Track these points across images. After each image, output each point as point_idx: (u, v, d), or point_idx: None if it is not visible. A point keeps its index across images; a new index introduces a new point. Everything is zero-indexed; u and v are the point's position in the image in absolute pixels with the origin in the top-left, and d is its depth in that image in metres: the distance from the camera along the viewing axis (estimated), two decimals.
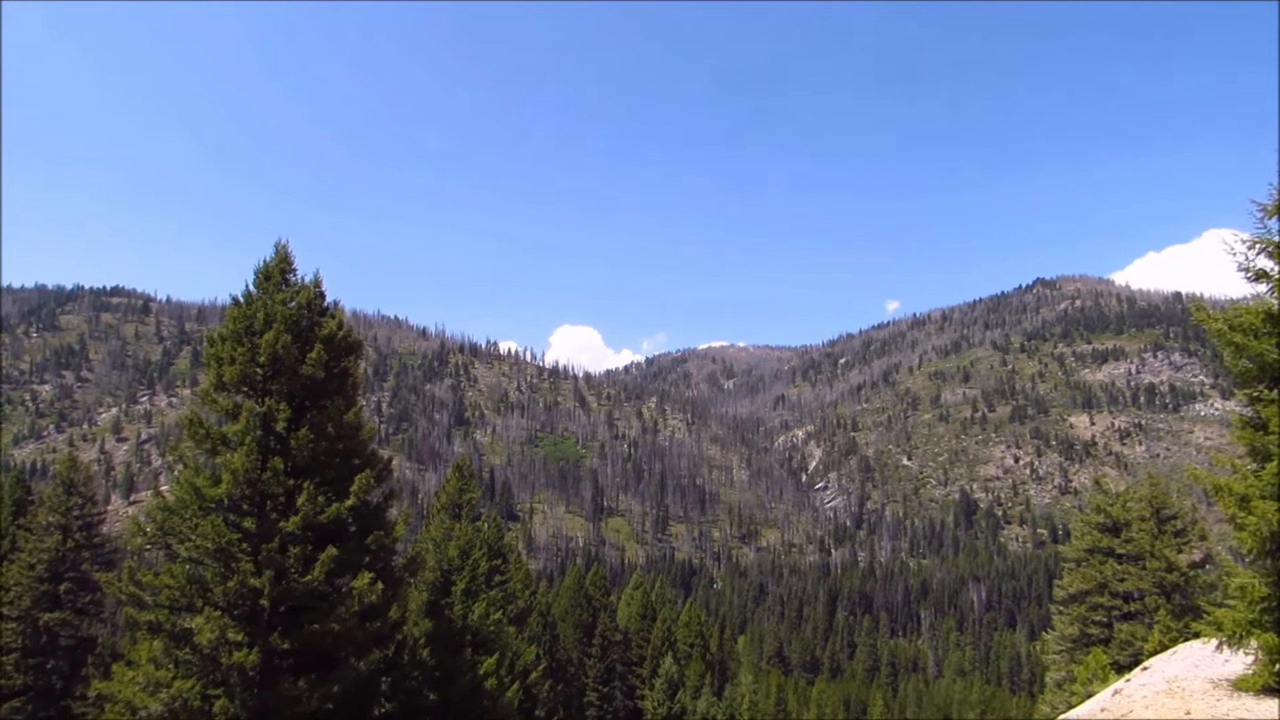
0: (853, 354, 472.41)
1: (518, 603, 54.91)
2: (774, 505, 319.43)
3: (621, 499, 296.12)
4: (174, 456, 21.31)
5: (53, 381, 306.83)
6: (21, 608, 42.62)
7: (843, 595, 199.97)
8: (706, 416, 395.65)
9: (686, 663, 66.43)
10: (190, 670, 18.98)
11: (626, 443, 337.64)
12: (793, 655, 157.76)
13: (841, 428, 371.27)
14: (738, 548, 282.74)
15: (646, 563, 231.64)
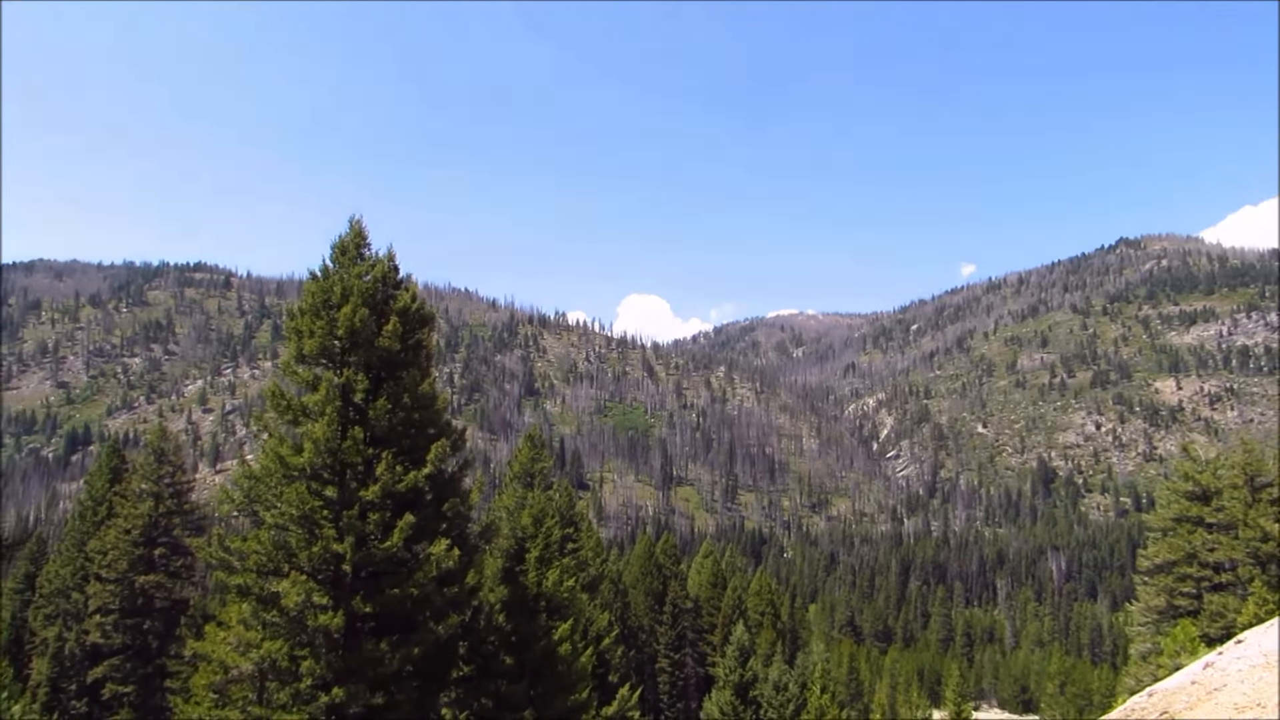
0: (925, 320, 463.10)
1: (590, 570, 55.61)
2: (844, 474, 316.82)
3: (690, 468, 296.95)
4: (259, 426, 22.00)
5: (142, 355, 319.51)
6: (119, 570, 44.71)
7: (915, 564, 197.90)
8: (775, 385, 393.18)
9: (757, 631, 66.62)
10: (278, 632, 19.69)
11: (695, 412, 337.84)
12: (865, 625, 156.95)
13: (914, 395, 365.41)
14: (808, 517, 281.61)
15: (716, 531, 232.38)
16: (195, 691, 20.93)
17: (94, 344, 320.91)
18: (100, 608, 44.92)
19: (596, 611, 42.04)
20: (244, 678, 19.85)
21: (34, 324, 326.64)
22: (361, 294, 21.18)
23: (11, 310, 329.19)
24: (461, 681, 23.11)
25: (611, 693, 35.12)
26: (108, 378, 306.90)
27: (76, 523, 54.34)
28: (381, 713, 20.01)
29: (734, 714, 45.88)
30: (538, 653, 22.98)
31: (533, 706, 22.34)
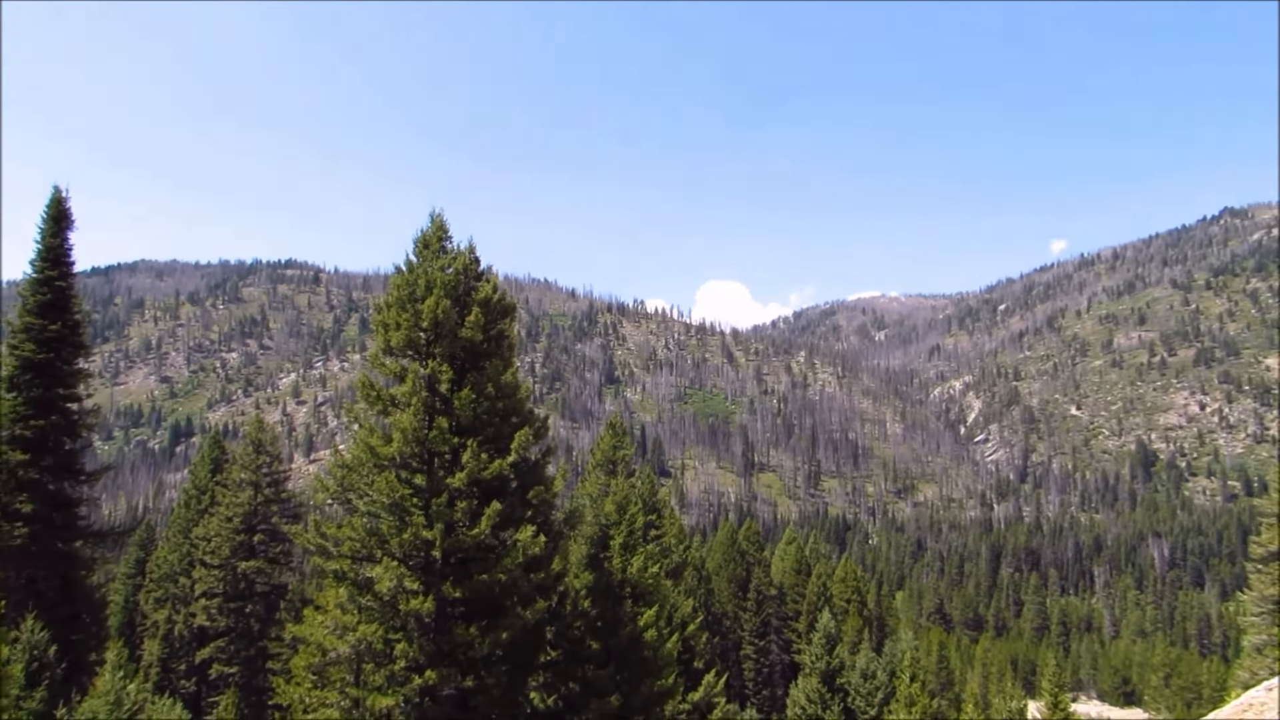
0: (1014, 299, 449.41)
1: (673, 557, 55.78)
2: (930, 459, 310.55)
3: (772, 454, 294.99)
4: (350, 417, 22.65)
5: (239, 349, 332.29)
6: (221, 556, 46.67)
7: (1007, 551, 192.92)
8: (857, 369, 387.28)
9: (843, 618, 65.92)
10: (373, 616, 20.27)
11: (776, 398, 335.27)
12: (954, 612, 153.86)
13: (1002, 377, 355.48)
14: (893, 503, 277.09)
15: (799, 518, 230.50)
16: (296, 672, 21.71)
17: (194, 340, 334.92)
18: (205, 592, 47.01)
19: (680, 598, 42.15)
20: (341, 660, 20.51)
21: (138, 322, 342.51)
22: (444, 286, 21.56)
23: (117, 309, 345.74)
24: (549, 666, 23.45)
25: (697, 679, 35.22)
26: (207, 372, 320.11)
27: (182, 511, 56.90)
28: (472, 695, 20.45)
29: (821, 701, 45.51)
30: (623, 638, 23.14)
31: (619, 691, 22.51)
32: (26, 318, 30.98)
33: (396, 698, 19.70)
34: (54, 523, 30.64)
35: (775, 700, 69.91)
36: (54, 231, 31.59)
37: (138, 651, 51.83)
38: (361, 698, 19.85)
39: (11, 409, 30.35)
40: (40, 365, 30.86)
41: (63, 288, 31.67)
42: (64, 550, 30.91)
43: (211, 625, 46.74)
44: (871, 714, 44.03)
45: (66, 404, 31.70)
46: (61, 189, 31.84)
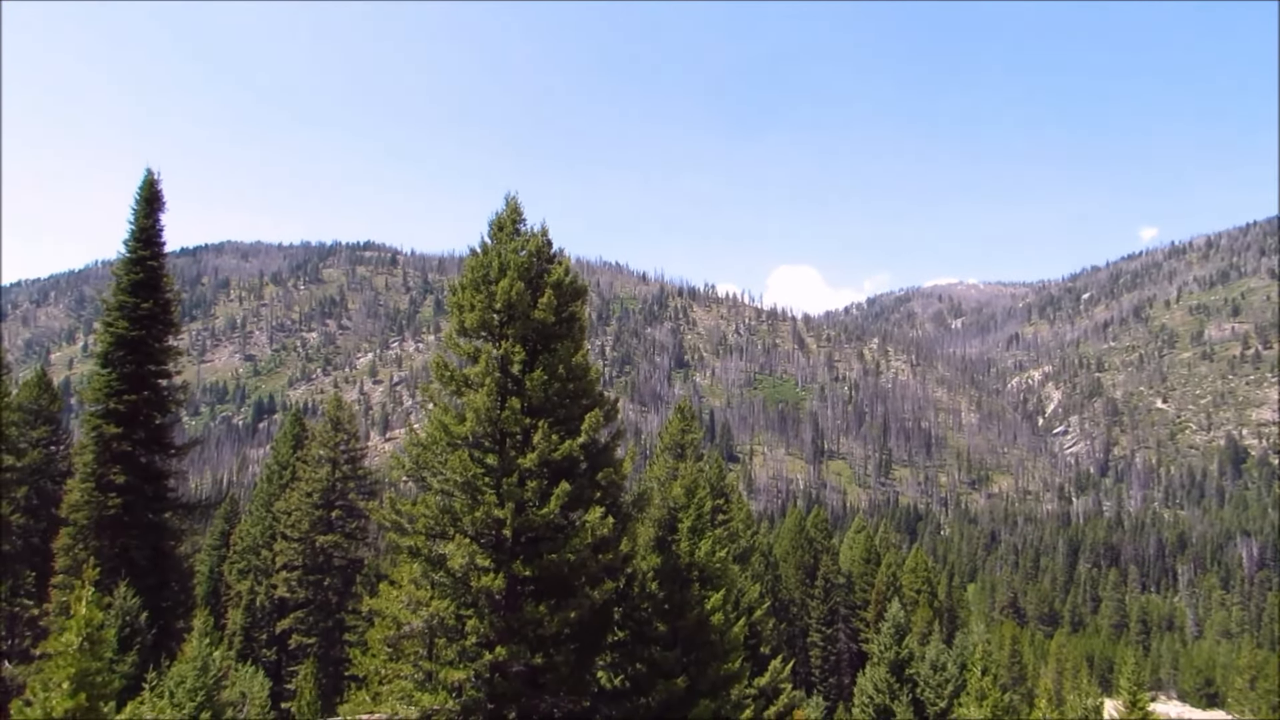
0: (1098, 288, 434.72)
1: (740, 542, 55.70)
2: (1006, 450, 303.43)
3: (842, 442, 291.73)
4: (424, 396, 23.10)
5: (318, 329, 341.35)
6: (301, 530, 48.17)
7: (1085, 546, 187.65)
8: (932, 357, 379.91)
9: (913, 609, 65.02)
10: (445, 591, 20.70)
11: (847, 385, 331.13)
12: (1028, 606, 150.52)
13: (1084, 368, 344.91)
14: (967, 494, 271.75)
15: (869, 506, 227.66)
16: (371, 645, 22.30)
17: (276, 319, 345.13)
18: (286, 564, 48.61)
19: (748, 583, 42.08)
20: (415, 634, 21.00)
21: (224, 301, 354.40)
22: (518, 268, 21.78)
23: (205, 289, 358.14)
24: (616, 646, 23.64)
25: (763, 664, 35.18)
26: (289, 351, 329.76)
27: (264, 485, 58.86)
28: (541, 673, 20.76)
29: (889, 691, 45.04)
30: (690, 621, 23.19)
31: (685, 674, 22.58)
32: (120, 296, 32.31)
33: (468, 672, 20.09)
34: (145, 494, 32.00)
35: (842, 689, 69.40)
36: (146, 213, 32.83)
37: (222, 620, 53.87)
38: (434, 671, 20.30)
39: (106, 384, 31.73)
40: (133, 342, 32.18)
41: (154, 267, 32.92)
42: (154, 521, 32.28)
43: (291, 597, 48.33)
44: (941, 706, 43.42)
45: (157, 380, 33.02)
46: (154, 172, 33.04)
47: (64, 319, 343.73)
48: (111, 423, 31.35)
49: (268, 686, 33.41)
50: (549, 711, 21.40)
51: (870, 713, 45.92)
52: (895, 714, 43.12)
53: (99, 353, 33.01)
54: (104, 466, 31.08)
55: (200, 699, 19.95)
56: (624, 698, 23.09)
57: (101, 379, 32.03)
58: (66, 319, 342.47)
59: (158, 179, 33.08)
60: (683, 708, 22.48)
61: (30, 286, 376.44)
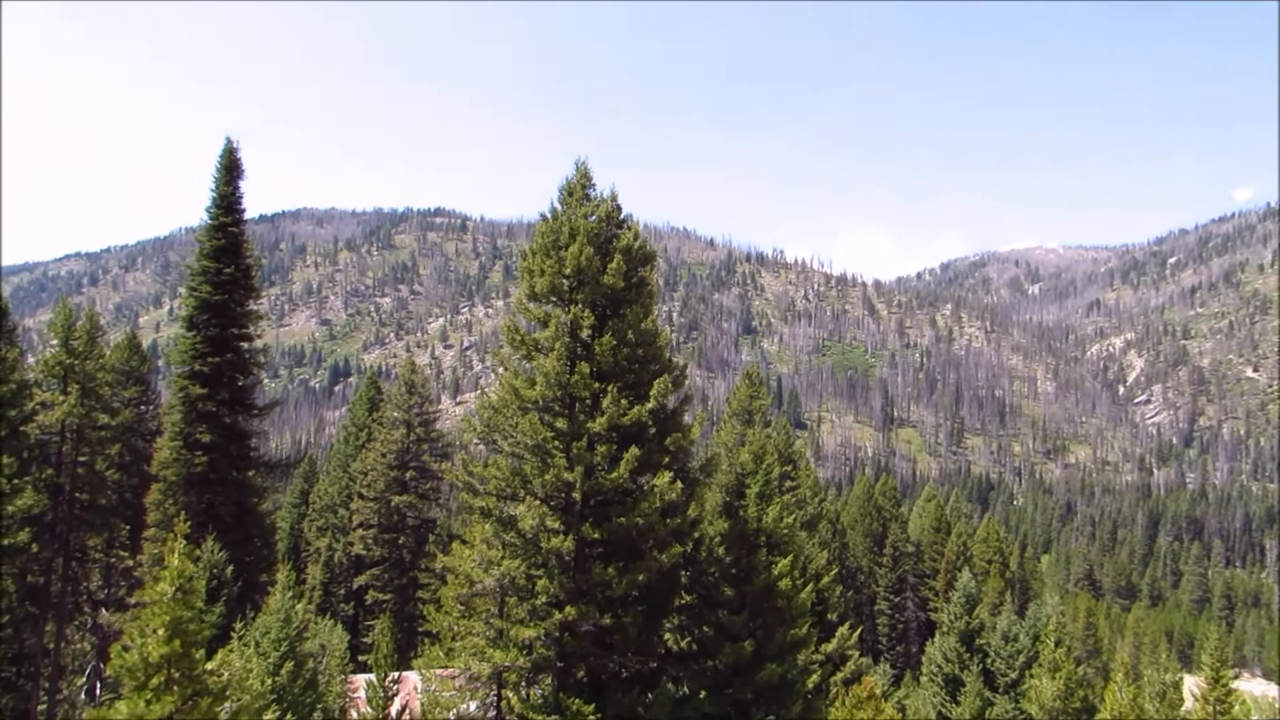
0: (1185, 252, 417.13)
1: (808, 509, 55.54)
2: (1084, 419, 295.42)
3: (912, 409, 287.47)
4: (496, 360, 23.43)
5: (391, 294, 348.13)
6: (377, 490, 49.52)
7: (1166, 518, 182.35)
8: (1007, 324, 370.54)
9: (983, 579, 64.04)
10: (516, 552, 21.13)
11: (918, 352, 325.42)
12: (1104, 579, 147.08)
13: (1169, 335, 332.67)
14: (1041, 463, 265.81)
15: (939, 475, 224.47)
16: (445, 602, 22.91)
17: (350, 285, 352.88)
18: (362, 523, 50.12)
19: (815, 550, 41.98)
20: (487, 592, 21.51)
21: (300, 267, 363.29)
22: (587, 234, 21.84)
23: (282, 255, 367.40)
24: (683, 610, 23.87)
25: (830, 630, 35.15)
26: (363, 315, 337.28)
27: (341, 446, 60.59)
28: (609, 633, 21.09)
29: (958, 661, 44.64)
30: (757, 586, 23.26)
31: (752, 638, 22.71)
32: (204, 261, 33.38)
33: (538, 630, 20.51)
34: (230, 453, 33.24)
35: (910, 657, 69.02)
36: (226, 180, 33.75)
37: (302, 575, 55.81)
38: (505, 629, 20.77)
39: (191, 346, 32.92)
40: (216, 306, 33.27)
41: (235, 233, 33.91)
42: (238, 479, 33.52)
43: (367, 554, 49.86)
44: (1011, 677, 42.90)
45: (239, 343, 34.13)
46: (233, 140, 33.90)
47: (151, 284, 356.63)
48: (197, 384, 32.55)
49: (346, 639, 34.64)
50: (617, 671, 21.76)
51: (939, 682, 45.60)
52: (964, 684, 42.74)
53: (184, 316, 34.24)
54: (191, 426, 32.33)
55: (284, 649, 20.77)
56: (691, 660, 23.34)
57: (187, 342, 33.23)
58: (153, 284, 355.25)
59: (237, 147, 33.95)
60: (750, 671, 22.63)
61: (119, 253, 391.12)
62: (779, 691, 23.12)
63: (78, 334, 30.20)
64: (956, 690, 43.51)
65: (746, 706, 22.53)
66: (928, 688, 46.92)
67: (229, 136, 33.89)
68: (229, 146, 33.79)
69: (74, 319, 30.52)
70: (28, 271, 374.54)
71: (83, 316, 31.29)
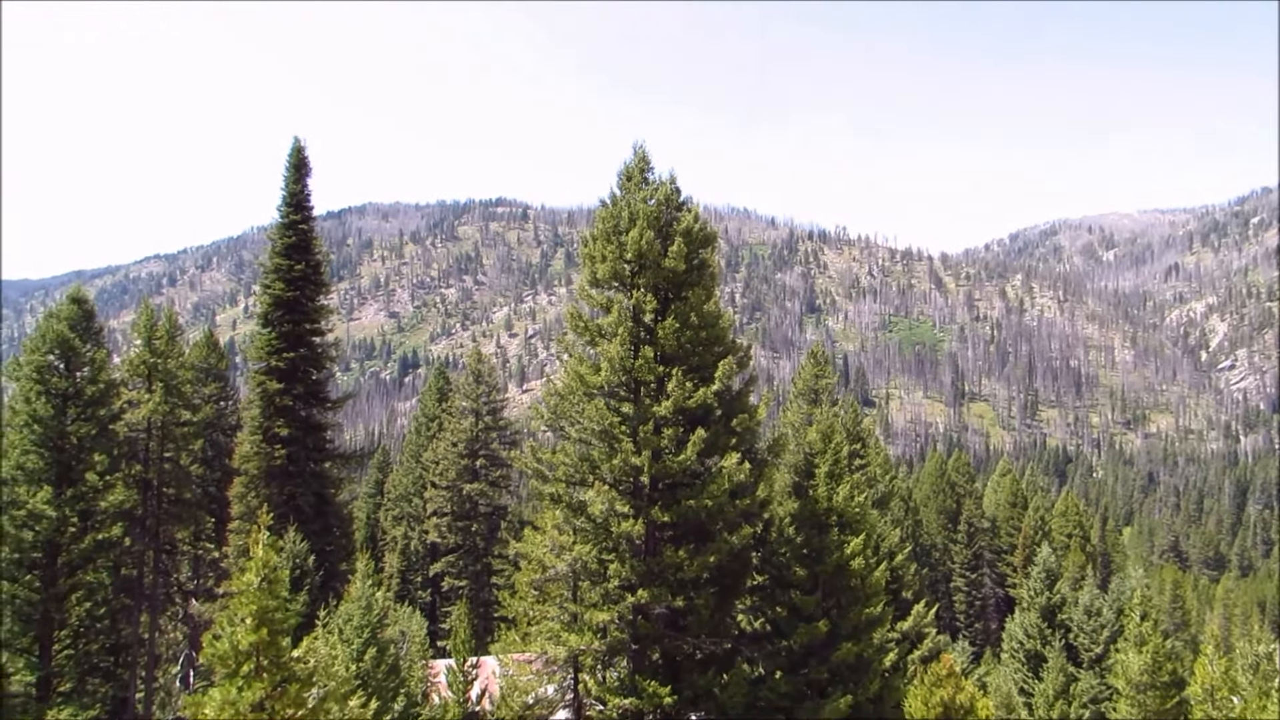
0: (1270, 211, 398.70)
1: (878, 487, 54.76)
2: (1165, 388, 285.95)
3: (984, 383, 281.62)
4: (561, 347, 23.63)
5: (456, 285, 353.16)
6: (449, 479, 50.42)
7: (1255, 486, 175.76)
8: (1081, 292, 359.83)
9: (1064, 553, 62.61)
10: (587, 537, 21.33)
11: (988, 324, 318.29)
12: (1190, 550, 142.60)
13: (1253, 297, 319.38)
14: (1121, 434, 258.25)
15: (1014, 449, 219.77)
16: (519, 587, 23.28)
17: (416, 277, 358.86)
18: (435, 511, 51.12)
19: (887, 528, 41.45)
20: (559, 577, 21.79)
21: (368, 261, 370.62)
22: (647, 217, 21.81)
23: (350, 250, 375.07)
24: (756, 591, 23.85)
25: (906, 608, 34.76)
26: (429, 307, 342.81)
27: (413, 437, 61.82)
28: (682, 615, 21.19)
29: (1040, 637, 43.78)
30: (830, 566, 23.10)
31: (826, 617, 22.58)
32: (276, 259, 34.26)
33: (611, 614, 20.70)
34: (307, 445, 34.16)
35: (989, 634, 67.92)
36: (295, 179, 34.56)
37: (380, 564, 57.16)
38: (579, 612, 21.02)
39: (267, 343, 33.86)
40: (289, 302, 34.14)
41: (304, 230, 34.72)
42: (316, 470, 34.45)
43: (442, 542, 50.86)
44: (1096, 652, 41.91)
45: (312, 338, 34.99)
46: (300, 140, 34.66)
47: (226, 282, 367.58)
48: (274, 379, 33.48)
49: (424, 626, 35.40)
50: (691, 653, 21.86)
51: (1020, 658, 44.80)
52: (1047, 660, 41.88)
53: (259, 313, 35.23)
54: (269, 420, 33.30)
55: (366, 636, 21.33)
56: (765, 640, 23.32)
57: (263, 338, 34.18)
58: (228, 282, 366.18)
59: (304, 146, 34.70)
60: (825, 650, 22.53)
61: (195, 253, 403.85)
62: (855, 670, 22.98)
63: (159, 334, 31.31)
64: (1039, 666, 42.67)
65: (822, 686, 22.44)
66: (1009, 664, 46.13)
67: (296, 136, 34.72)
68: (297, 146, 34.56)
69: (155, 319, 31.64)
70: (110, 275, 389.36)
71: (163, 317, 32.43)
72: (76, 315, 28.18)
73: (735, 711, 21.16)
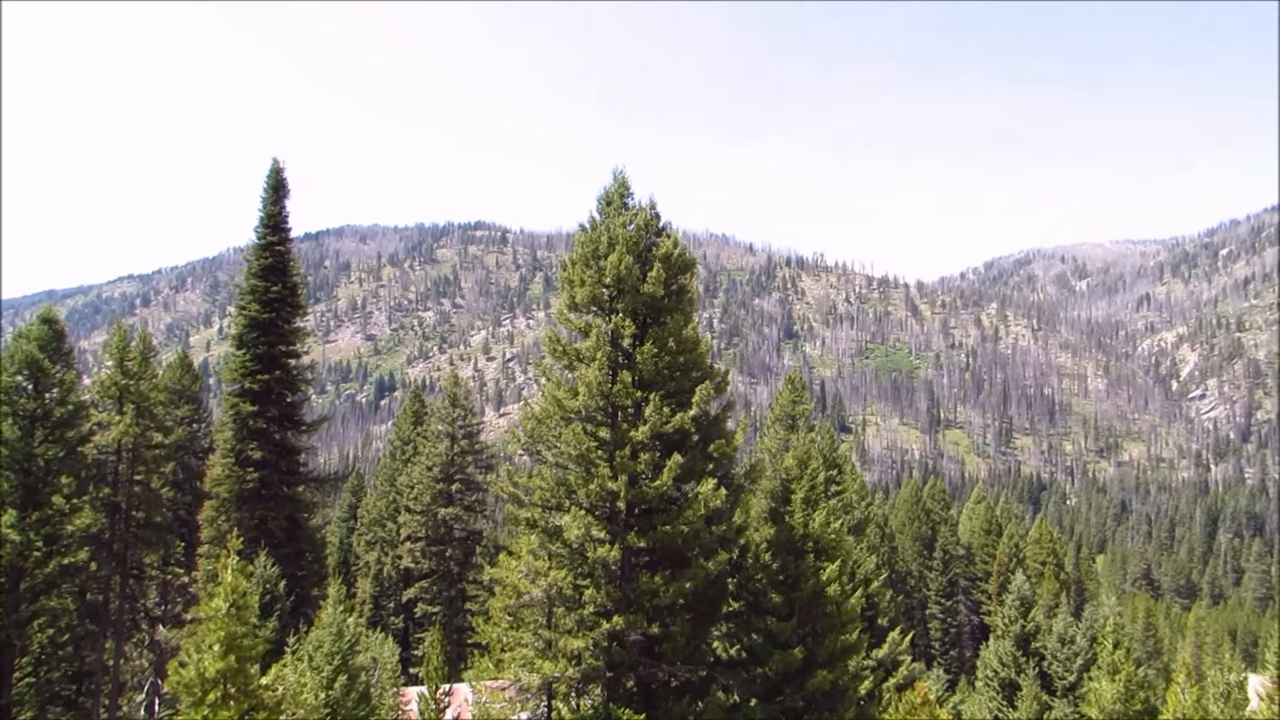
0: (1238, 243, 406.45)
1: (855, 513, 54.84)
2: (1137, 416, 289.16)
3: (959, 411, 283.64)
4: (538, 371, 23.56)
5: (433, 308, 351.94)
6: (423, 503, 49.96)
7: (1225, 515, 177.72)
8: (1055, 321, 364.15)
9: (1038, 581, 62.85)
10: (562, 562, 21.18)
11: (964, 352, 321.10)
12: (1163, 579, 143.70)
13: (1223, 328, 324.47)
14: (1094, 462, 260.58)
15: (989, 477, 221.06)
16: (493, 613, 23.05)
17: (394, 300, 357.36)
18: (409, 535, 50.58)
19: (863, 554, 41.48)
20: (534, 603, 21.58)
21: (345, 283, 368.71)
22: (626, 242, 21.89)
23: (327, 272, 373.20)
24: (732, 617, 23.74)
25: (881, 636, 34.71)
26: (406, 330, 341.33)
27: (388, 461, 61.29)
28: (658, 642, 21.04)
29: (1014, 665, 43.82)
30: (806, 592, 23.05)
31: (803, 645, 22.50)
32: (252, 280, 34.04)
33: (586, 640, 20.52)
34: (280, 469, 33.80)
35: (964, 661, 67.95)
36: (273, 200, 34.43)
37: (352, 589, 56.50)
38: (553, 639, 20.82)
39: (241, 364, 33.56)
40: (264, 324, 33.89)
41: (281, 252, 34.55)
42: (289, 494, 34.07)
43: (416, 567, 50.29)
44: (1070, 680, 41.98)
45: (287, 360, 34.73)
46: (279, 161, 34.57)
47: (201, 303, 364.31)
48: (248, 401, 33.15)
49: (397, 653, 34.91)
50: (666, 680, 21.70)
51: (995, 686, 44.78)
52: (1021, 688, 41.93)
53: (234, 335, 34.96)
54: (242, 443, 32.93)
55: (336, 663, 21.01)
56: (741, 667, 23.19)
57: (237, 360, 33.88)
58: (203, 303, 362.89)
59: (283, 168, 34.62)
60: (800, 678, 22.42)
61: (170, 273, 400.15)
62: (830, 698, 22.88)
63: (132, 355, 30.93)
64: (1013, 695, 42.70)
65: (798, 714, 22.32)
66: (983, 692, 46.10)
67: (275, 157, 34.63)
68: (275, 167, 34.47)
69: (128, 340, 31.27)
70: (82, 294, 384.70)
71: (136, 337, 32.06)
72: (46, 336, 27.81)
73: None
